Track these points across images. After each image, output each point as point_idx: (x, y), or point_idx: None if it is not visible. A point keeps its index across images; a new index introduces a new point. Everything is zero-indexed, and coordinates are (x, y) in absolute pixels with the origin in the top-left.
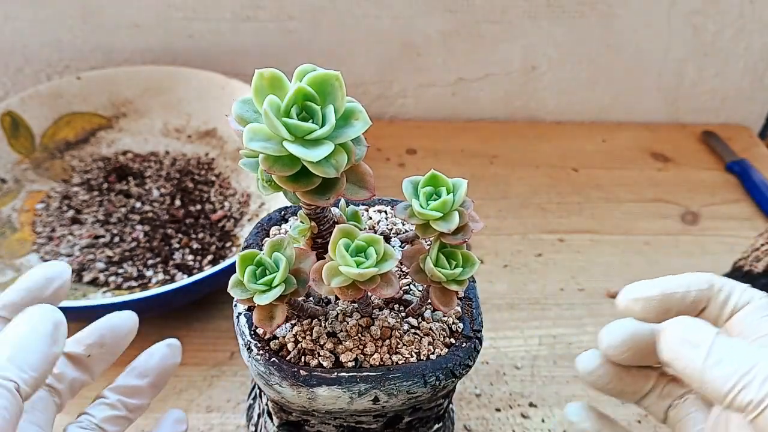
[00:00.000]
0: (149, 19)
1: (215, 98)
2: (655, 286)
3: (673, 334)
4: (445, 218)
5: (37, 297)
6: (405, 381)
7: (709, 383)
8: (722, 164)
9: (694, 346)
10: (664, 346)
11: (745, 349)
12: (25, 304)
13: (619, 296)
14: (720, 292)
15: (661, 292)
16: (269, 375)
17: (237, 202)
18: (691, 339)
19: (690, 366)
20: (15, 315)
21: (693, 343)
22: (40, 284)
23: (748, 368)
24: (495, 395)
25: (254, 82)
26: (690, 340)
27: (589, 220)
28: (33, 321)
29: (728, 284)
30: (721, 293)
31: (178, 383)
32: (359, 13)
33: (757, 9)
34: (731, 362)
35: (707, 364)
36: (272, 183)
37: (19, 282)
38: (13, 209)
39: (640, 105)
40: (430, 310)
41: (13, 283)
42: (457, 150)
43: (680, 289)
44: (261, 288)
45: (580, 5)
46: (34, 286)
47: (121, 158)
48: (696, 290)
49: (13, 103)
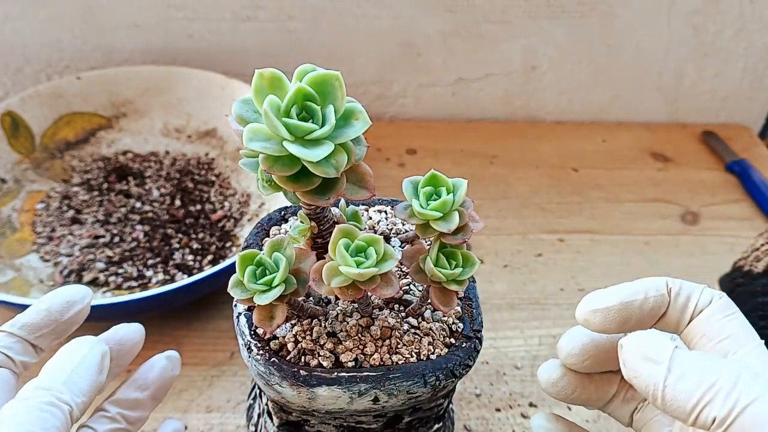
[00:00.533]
0: (149, 19)
1: (215, 98)
2: (613, 296)
3: (632, 351)
4: (445, 218)
5: (57, 320)
6: (405, 381)
7: (671, 402)
8: (722, 164)
9: (654, 362)
10: (623, 363)
11: (706, 362)
12: (44, 326)
13: (578, 308)
14: (678, 295)
15: (620, 302)
16: (269, 375)
17: (237, 202)
18: (650, 355)
19: (651, 384)
20: (33, 336)
21: (652, 360)
22: (61, 307)
23: (711, 383)
24: (495, 395)
25: (254, 82)
26: (649, 356)
27: (589, 220)
28: (83, 351)
29: (686, 287)
30: (679, 297)
31: (178, 383)
32: (359, 13)
33: (757, 9)
34: (693, 377)
35: (668, 381)
36: (272, 183)
37: (39, 303)
38: (13, 209)
39: (640, 105)
40: (430, 310)
41: (35, 304)
42: (457, 150)
43: (638, 297)
44: (261, 288)
45: (580, 5)
46: (54, 309)
47: (121, 158)
48: (654, 296)
49: (13, 103)
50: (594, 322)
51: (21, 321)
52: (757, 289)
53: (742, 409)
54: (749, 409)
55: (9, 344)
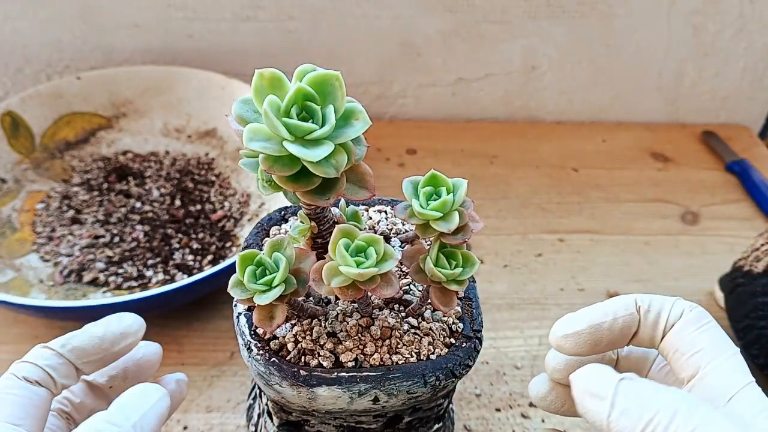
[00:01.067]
0: (149, 19)
1: (215, 98)
2: (582, 320)
3: (579, 388)
4: (445, 218)
5: (107, 349)
6: (405, 381)
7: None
8: (722, 164)
9: (599, 398)
10: (575, 399)
11: (648, 394)
12: (93, 353)
13: (551, 334)
14: (648, 312)
15: (589, 325)
16: (269, 375)
17: (237, 202)
18: (595, 391)
19: (597, 420)
20: (81, 361)
21: (597, 396)
22: (115, 338)
23: (649, 418)
24: (495, 395)
25: (254, 82)
26: (594, 392)
27: (589, 220)
28: (156, 397)
29: (655, 302)
30: (649, 314)
31: None
32: (359, 13)
33: (757, 9)
34: (633, 413)
35: (612, 418)
36: (272, 183)
37: (95, 328)
38: (13, 209)
39: (640, 105)
40: (430, 310)
41: (87, 326)
42: (457, 150)
43: (607, 319)
44: (261, 288)
45: (580, 5)
46: (108, 338)
47: (121, 158)
48: (623, 316)
49: (13, 103)
50: (566, 347)
51: (72, 343)
52: (757, 289)
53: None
54: None
55: (55, 364)
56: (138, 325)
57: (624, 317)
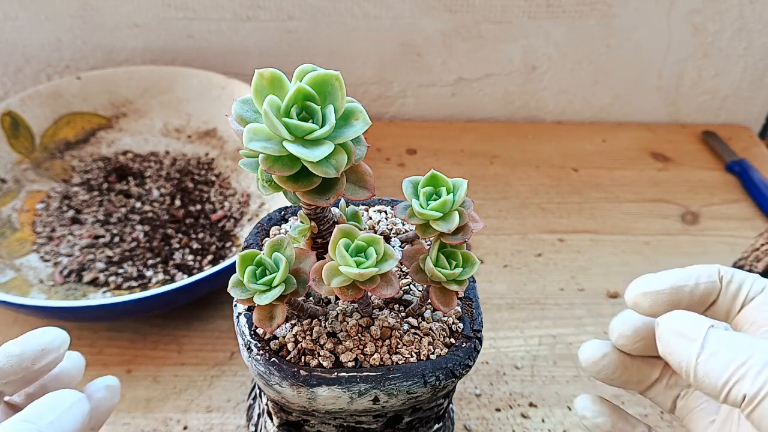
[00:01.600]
0: (149, 19)
1: (215, 98)
2: (664, 280)
3: (667, 328)
4: (445, 218)
5: (28, 368)
6: (405, 381)
7: (702, 378)
8: (722, 164)
9: (689, 339)
10: (659, 339)
11: (741, 341)
12: (12, 373)
13: (628, 291)
14: (730, 283)
15: (671, 286)
16: (269, 375)
17: (237, 202)
18: (685, 332)
19: (684, 360)
20: (0, 382)
21: (687, 337)
22: (34, 355)
23: (742, 361)
24: (495, 395)
25: (254, 82)
26: (684, 333)
27: (589, 220)
28: (72, 400)
29: (738, 275)
30: (731, 285)
31: (178, 383)
32: (359, 13)
33: (757, 9)
34: (725, 355)
35: (701, 359)
36: (272, 183)
37: (12, 346)
38: (13, 209)
39: (640, 105)
40: (430, 310)
41: (5, 345)
42: (457, 150)
43: (689, 282)
44: (261, 288)
45: (580, 5)
46: (27, 356)
47: (121, 158)
48: (705, 282)
49: (13, 103)
50: (643, 305)
51: None
52: None
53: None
54: None
55: None
56: (60, 339)
57: (706, 284)
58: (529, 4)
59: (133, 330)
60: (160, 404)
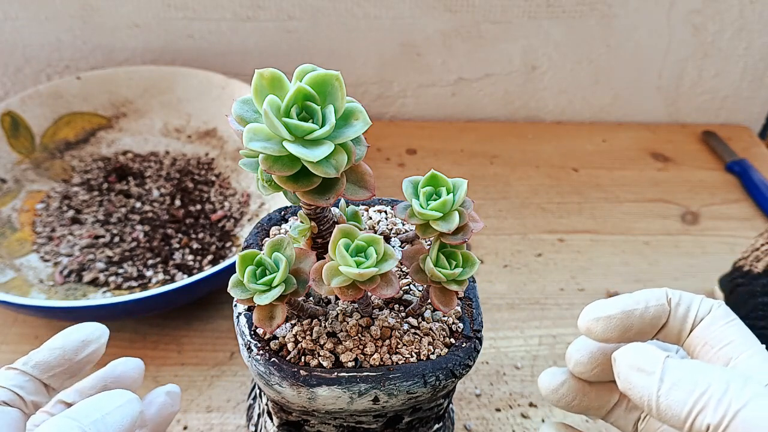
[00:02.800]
0: (149, 19)
1: (215, 98)
2: (614, 305)
3: (625, 364)
4: (445, 218)
5: (71, 359)
6: (405, 381)
7: (665, 411)
8: (722, 164)
9: (647, 373)
10: (618, 375)
11: (698, 370)
12: (57, 365)
13: (580, 318)
14: (678, 305)
15: (621, 310)
16: (269, 375)
17: (237, 202)
18: (643, 366)
19: (645, 395)
20: (46, 375)
21: (645, 371)
22: (75, 347)
23: (702, 390)
24: (495, 395)
25: (254, 82)
26: (642, 368)
27: (589, 220)
28: (121, 401)
29: (685, 297)
30: (679, 307)
31: (178, 383)
32: (359, 13)
33: (757, 9)
34: (685, 386)
35: (661, 392)
36: (272, 183)
37: (54, 341)
38: (13, 209)
39: (640, 105)
40: (430, 310)
41: (48, 341)
42: (457, 150)
43: (639, 306)
44: (261, 288)
45: (580, 5)
46: (69, 348)
47: (121, 158)
48: (654, 306)
49: (13, 103)
50: (596, 331)
51: (34, 359)
52: (757, 289)
53: (734, 414)
54: (741, 414)
55: (21, 383)
56: (99, 331)
57: (656, 307)
58: (529, 4)
59: (133, 330)
60: None
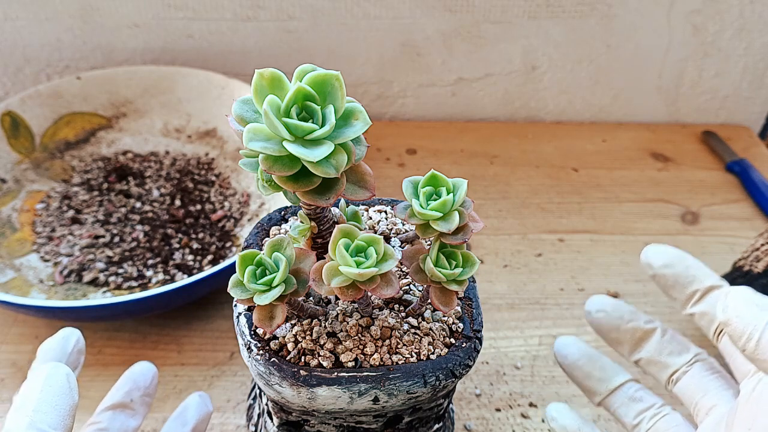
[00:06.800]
0: (149, 19)
1: (215, 98)
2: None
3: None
4: (445, 218)
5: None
6: (405, 381)
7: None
8: (722, 164)
9: (760, 308)
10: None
11: None
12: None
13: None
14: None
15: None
16: (269, 375)
17: (237, 202)
18: (758, 302)
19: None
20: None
21: (759, 306)
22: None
23: None
24: (495, 395)
25: (254, 82)
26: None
27: (589, 220)
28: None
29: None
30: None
31: (178, 383)
32: (359, 13)
33: (757, 9)
34: None
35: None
36: (272, 183)
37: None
38: (13, 209)
39: (640, 105)
40: (430, 310)
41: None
42: (457, 150)
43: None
44: (261, 288)
45: (580, 5)
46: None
47: (121, 158)
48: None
49: (13, 103)
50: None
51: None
52: (757, 289)
53: None
54: None
55: None
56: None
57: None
58: (529, 4)
59: (133, 330)
60: (160, 404)
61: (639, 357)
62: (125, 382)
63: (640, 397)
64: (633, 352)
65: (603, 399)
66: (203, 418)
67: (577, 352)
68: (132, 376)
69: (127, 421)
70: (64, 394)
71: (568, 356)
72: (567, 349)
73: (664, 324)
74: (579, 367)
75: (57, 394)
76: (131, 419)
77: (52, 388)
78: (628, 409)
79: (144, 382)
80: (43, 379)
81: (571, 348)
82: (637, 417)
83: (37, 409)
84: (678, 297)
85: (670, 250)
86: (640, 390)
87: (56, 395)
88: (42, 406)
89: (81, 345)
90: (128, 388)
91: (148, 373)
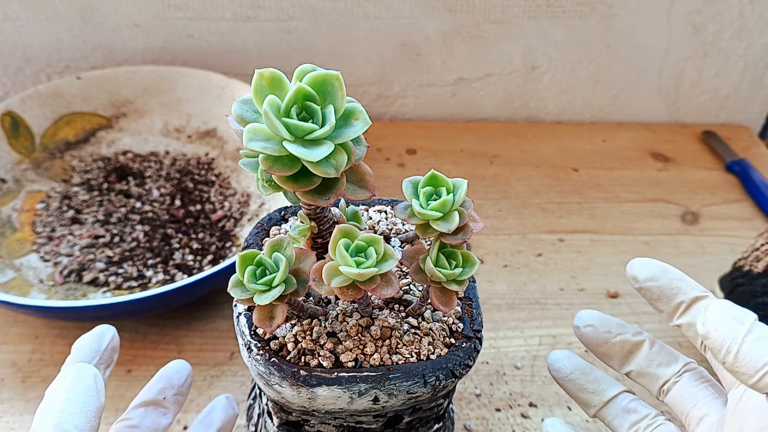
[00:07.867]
0: (149, 19)
1: (215, 98)
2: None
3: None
4: (445, 218)
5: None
6: (405, 381)
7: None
8: (722, 164)
9: (738, 321)
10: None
11: None
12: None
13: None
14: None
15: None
16: (269, 375)
17: (237, 202)
18: (736, 315)
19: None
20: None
21: (737, 319)
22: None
23: None
24: (495, 395)
25: (254, 82)
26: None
27: (589, 220)
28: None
29: None
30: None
31: None
32: (359, 13)
33: (757, 9)
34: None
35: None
36: (272, 183)
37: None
38: (13, 209)
39: (640, 105)
40: (430, 310)
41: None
42: (457, 150)
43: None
44: (261, 288)
45: (580, 5)
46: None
47: (121, 158)
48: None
49: (13, 103)
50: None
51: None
52: (757, 289)
53: None
54: None
55: None
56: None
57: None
58: (529, 4)
59: (133, 330)
60: None
61: (629, 369)
62: (159, 380)
63: (633, 408)
64: (623, 365)
65: (597, 411)
66: (229, 420)
67: (570, 366)
68: (166, 374)
69: (159, 419)
70: (91, 396)
71: (561, 370)
72: (560, 363)
73: (652, 335)
74: (572, 380)
75: (84, 396)
76: (162, 417)
77: (79, 389)
78: (622, 420)
79: (178, 380)
80: (70, 380)
81: (564, 362)
82: (632, 428)
83: (65, 410)
84: (664, 309)
85: (655, 263)
86: (633, 401)
87: (83, 396)
88: (69, 407)
89: (116, 342)
90: (162, 386)
91: (182, 371)
